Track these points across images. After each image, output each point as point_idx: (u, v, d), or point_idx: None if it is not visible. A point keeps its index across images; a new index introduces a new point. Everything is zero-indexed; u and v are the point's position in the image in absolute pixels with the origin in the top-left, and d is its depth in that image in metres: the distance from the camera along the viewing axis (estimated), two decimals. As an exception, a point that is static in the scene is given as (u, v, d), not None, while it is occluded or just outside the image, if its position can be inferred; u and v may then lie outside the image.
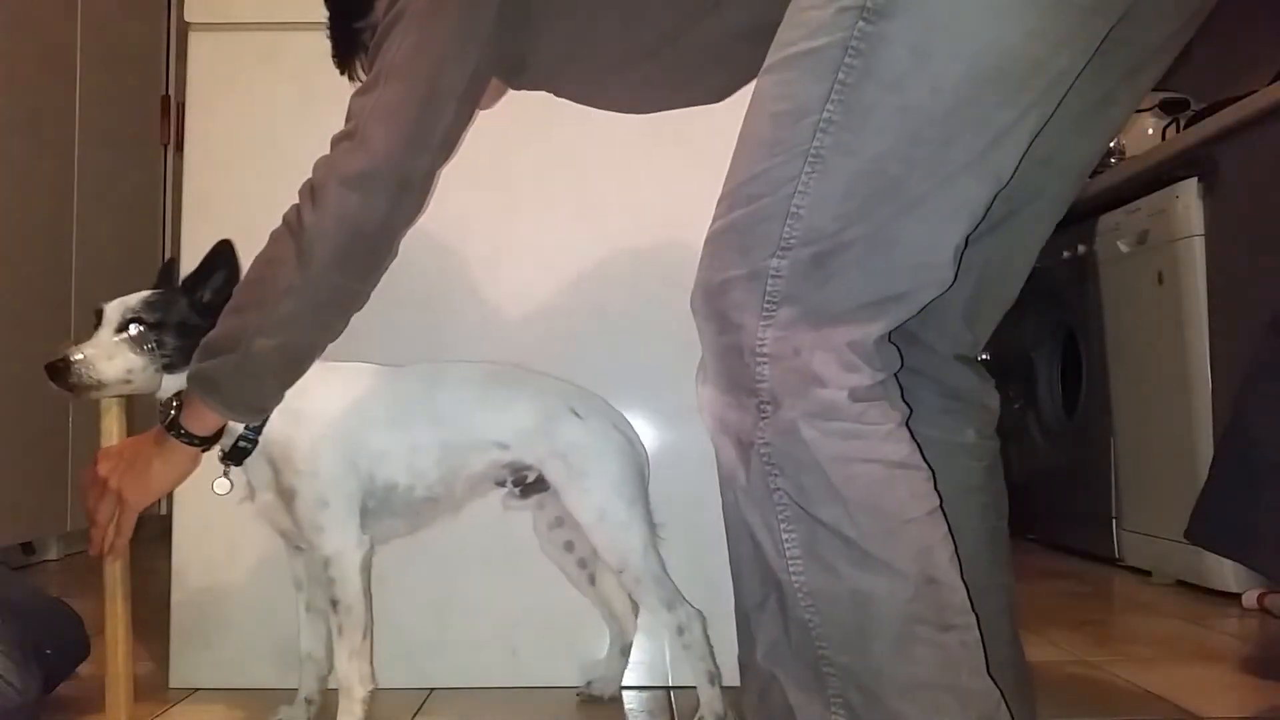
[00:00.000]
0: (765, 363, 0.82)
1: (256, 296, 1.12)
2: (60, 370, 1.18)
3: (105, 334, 1.21)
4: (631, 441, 1.39)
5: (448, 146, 1.10)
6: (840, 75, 0.80)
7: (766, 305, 0.82)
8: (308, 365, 1.17)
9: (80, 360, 1.18)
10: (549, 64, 1.14)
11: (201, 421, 1.16)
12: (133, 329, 1.21)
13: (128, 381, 1.21)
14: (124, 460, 1.18)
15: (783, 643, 0.85)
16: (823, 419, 0.81)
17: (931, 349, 1.05)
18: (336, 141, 1.10)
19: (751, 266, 0.83)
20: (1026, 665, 1.15)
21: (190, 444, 1.16)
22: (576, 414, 1.35)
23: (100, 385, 1.20)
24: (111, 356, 1.20)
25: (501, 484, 1.40)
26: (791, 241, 0.82)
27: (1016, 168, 0.85)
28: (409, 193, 1.10)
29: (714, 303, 0.85)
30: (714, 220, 0.87)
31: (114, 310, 1.23)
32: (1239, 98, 2.28)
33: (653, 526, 1.36)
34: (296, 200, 1.11)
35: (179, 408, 1.17)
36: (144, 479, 1.17)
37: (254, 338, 1.10)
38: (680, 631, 1.32)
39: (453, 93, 1.06)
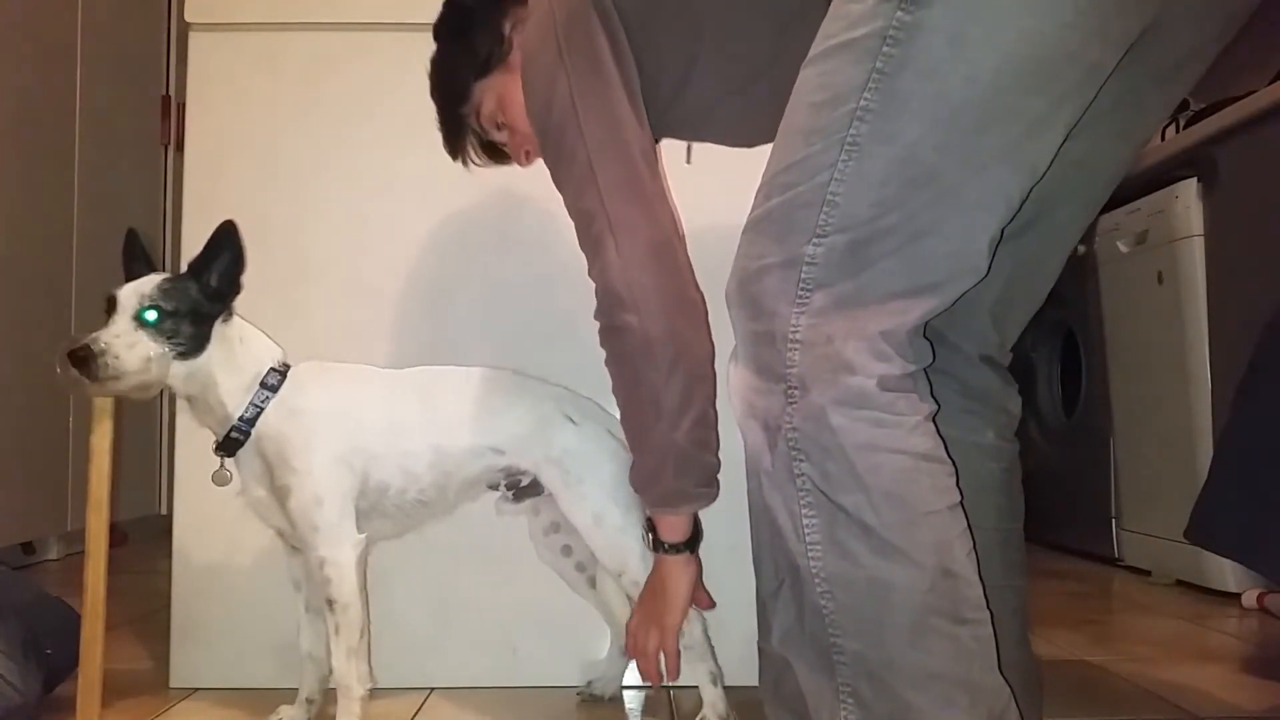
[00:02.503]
0: (796, 349, 0.82)
1: (638, 411, 1.12)
2: (83, 359, 1.14)
3: (123, 322, 1.18)
4: (625, 446, 1.38)
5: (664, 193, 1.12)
6: (878, 64, 0.81)
7: (800, 292, 0.83)
8: (711, 388, 1.12)
9: (104, 349, 1.15)
10: (656, 104, 1.13)
11: (674, 528, 1.18)
12: (150, 315, 1.18)
13: (146, 370, 1.18)
14: (646, 605, 1.24)
15: (796, 629, 0.86)
16: (852, 406, 0.81)
17: (957, 348, 1.06)
18: (597, 244, 1.08)
19: (787, 253, 0.83)
20: (1035, 667, 1.15)
21: (679, 552, 1.19)
22: (571, 420, 1.35)
23: (121, 375, 1.16)
24: (132, 345, 1.17)
25: (494, 487, 1.40)
26: (827, 228, 0.82)
27: (1050, 163, 0.86)
28: (675, 248, 1.10)
29: (748, 289, 0.86)
30: (752, 210, 0.88)
31: (129, 297, 1.19)
32: (1239, 98, 2.28)
33: (650, 529, 1.35)
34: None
35: (654, 528, 1.19)
36: (667, 601, 1.21)
37: (665, 436, 1.10)
38: (679, 634, 1.32)
39: (643, 148, 1.08)
